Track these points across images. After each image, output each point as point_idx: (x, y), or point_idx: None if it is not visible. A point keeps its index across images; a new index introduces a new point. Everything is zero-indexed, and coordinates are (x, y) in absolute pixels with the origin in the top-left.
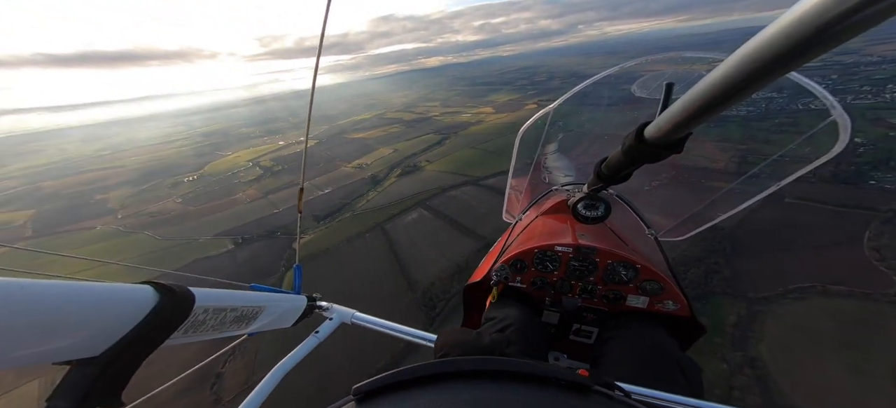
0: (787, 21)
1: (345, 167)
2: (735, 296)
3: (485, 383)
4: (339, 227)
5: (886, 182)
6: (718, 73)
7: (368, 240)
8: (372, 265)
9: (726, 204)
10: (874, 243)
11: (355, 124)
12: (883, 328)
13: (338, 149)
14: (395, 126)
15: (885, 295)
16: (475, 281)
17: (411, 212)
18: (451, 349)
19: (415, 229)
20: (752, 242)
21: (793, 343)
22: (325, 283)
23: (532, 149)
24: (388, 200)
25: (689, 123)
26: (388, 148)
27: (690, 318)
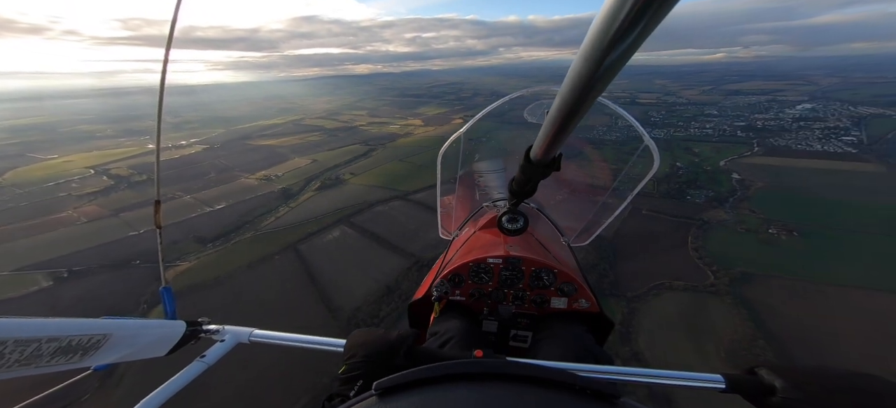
0: (581, 51)
1: (246, 179)
2: (619, 296)
3: (506, 385)
4: (237, 249)
5: (697, 197)
6: (557, 101)
7: (278, 263)
8: (282, 293)
9: (607, 212)
10: (694, 245)
11: (262, 130)
12: (706, 313)
13: (236, 157)
14: (315, 134)
15: (704, 286)
16: (418, 298)
17: (332, 230)
18: (358, 350)
19: (336, 249)
20: (625, 247)
21: (658, 333)
22: (215, 318)
23: (453, 168)
24: (304, 217)
25: (551, 143)
26: (305, 158)
27: (600, 313)
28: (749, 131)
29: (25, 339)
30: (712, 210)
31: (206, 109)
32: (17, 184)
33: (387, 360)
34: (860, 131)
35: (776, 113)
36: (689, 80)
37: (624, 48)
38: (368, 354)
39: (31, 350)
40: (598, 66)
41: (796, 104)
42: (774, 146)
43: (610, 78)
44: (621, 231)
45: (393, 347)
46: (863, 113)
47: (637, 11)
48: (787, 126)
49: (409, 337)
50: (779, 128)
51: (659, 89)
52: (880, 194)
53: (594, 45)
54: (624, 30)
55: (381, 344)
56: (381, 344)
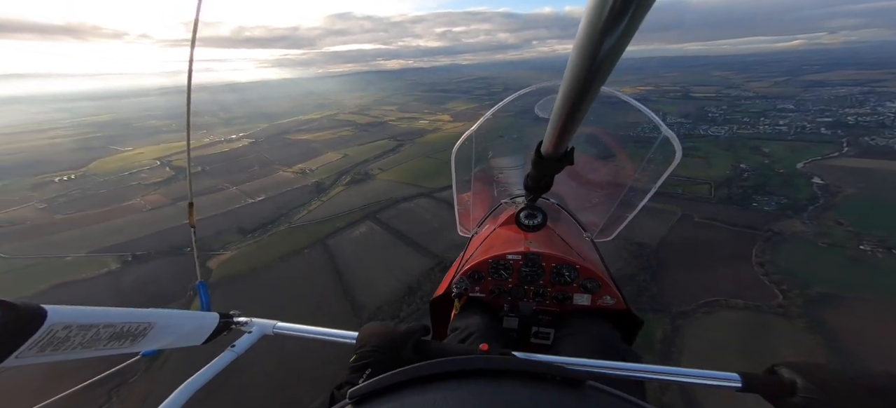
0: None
1: (284, 172)
2: (661, 311)
3: (481, 381)
4: (272, 242)
5: (765, 204)
6: (560, 94)
7: (307, 257)
8: (310, 287)
9: (629, 207)
10: (760, 259)
11: (301, 124)
12: (770, 337)
13: (277, 151)
14: (347, 129)
15: (769, 307)
16: (439, 295)
17: (359, 225)
18: (369, 340)
19: (362, 245)
20: (671, 258)
21: (707, 355)
22: (248, 310)
23: (468, 166)
24: (334, 211)
25: (560, 137)
26: (338, 153)
27: (627, 310)
28: (837, 128)
29: (87, 325)
30: (786, 220)
31: (252, 105)
32: (99, 173)
33: (395, 352)
34: None
35: (873, 106)
36: (758, 71)
37: (618, 34)
38: (377, 345)
39: (91, 334)
40: (596, 55)
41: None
42: (871, 146)
43: (609, 67)
44: (668, 239)
45: (401, 339)
46: None
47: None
48: (887, 122)
49: (418, 331)
50: (877, 124)
51: (718, 82)
52: None
53: (588, 33)
54: (615, 14)
55: (390, 336)
56: (390, 336)
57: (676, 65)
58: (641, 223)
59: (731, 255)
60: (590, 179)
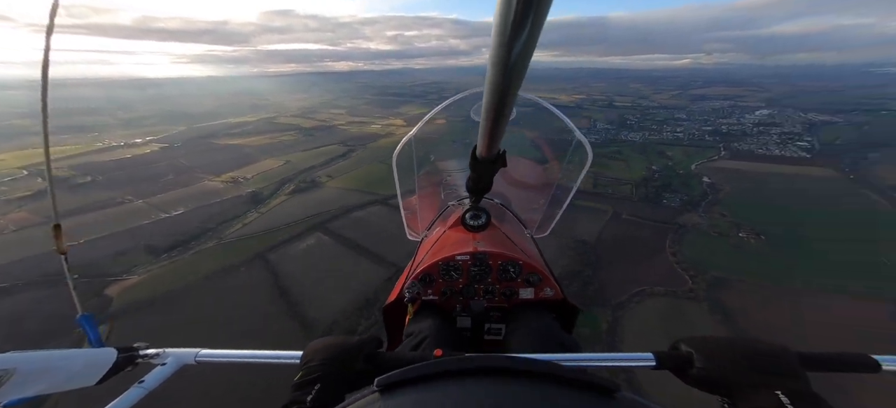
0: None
1: (210, 181)
2: (603, 304)
3: (508, 381)
4: (196, 261)
5: (672, 201)
6: (484, 98)
7: (243, 275)
8: (248, 308)
9: (558, 204)
10: (672, 250)
11: (231, 128)
12: (686, 319)
13: (199, 157)
14: (289, 134)
15: (683, 292)
16: (391, 301)
17: (306, 237)
18: (315, 356)
19: (310, 258)
20: (607, 253)
21: (642, 341)
22: (165, 339)
23: (410, 170)
24: (275, 222)
25: (490, 140)
26: (278, 159)
27: (564, 300)
28: (715, 136)
29: None
30: (687, 214)
31: (165, 104)
32: None
33: (346, 364)
34: (812, 137)
35: (738, 118)
36: (660, 84)
37: (523, 41)
38: (326, 359)
39: None
40: (508, 62)
41: (755, 110)
42: (739, 150)
43: (521, 72)
44: (602, 237)
45: (352, 351)
46: (813, 119)
47: (523, 9)
48: (748, 131)
49: (370, 343)
50: (741, 132)
51: (633, 93)
52: (834, 199)
53: (498, 42)
54: (518, 22)
55: (339, 349)
56: (340, 349)
57: (602, 76)
58: (581, 222)
59: (652, 247)
60: (524, 179)
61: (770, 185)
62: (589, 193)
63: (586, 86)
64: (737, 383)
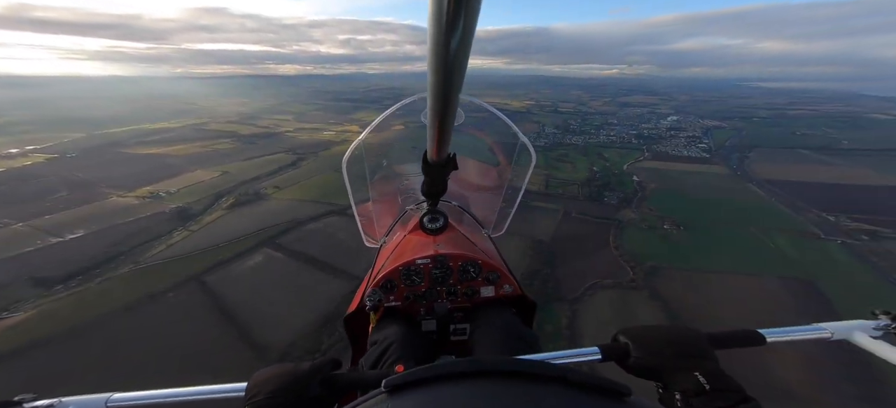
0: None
1: (119, 197)
2: (562, 300)
3: (516, 384)
4: (105, 289)
5: (611, 199)
6: (428, 103)
7: (174, 302)
8: (182, 338)
9: (509, 204)
10: (615, 243)
11: (145, 135)
12: (632, 308)
13: (103, 169)
14: (224, 141)
15: (627, 283)
16: (352, 311)
17: (252, 254)
18: (262, 388)
19: (259, 277)
20: (561, 251)
21: (599, 335)
22: (74, 390)
23: (362, 176)
24: (212, 241)
25: (438, 144)
26: (211, 170)
27: (522, 295)
28: (639, 139)
29: None
30: (624, 210)
31: (51, 107)
32: None
33: (296, 393)
34: (709, 140)
35: (655, 123)
36: (595, 91)
37: (456, 43)
38: (274, 390)
39: None
40: (445, 66)
41: (667, 116)
42: (658, 151)
43: (460, 74)
44: (556, 235)
45: (303, 378)
46: (708, 125)
47: (454, 9)
48: (663, 135)
49: (326, 365)
50: (658, 136)
51: (574, 99)
52: (728, 192)
53: (434, 45)
54: (450, 23)
55: (289, 377)
56: (290, 377)
57: (548, 83)
58: (537, 222)
59: (598, 242)
60: (478, 181)
61: (682, 181)
62: (543, 194)
63: (535, 92)
64: (666, 369)
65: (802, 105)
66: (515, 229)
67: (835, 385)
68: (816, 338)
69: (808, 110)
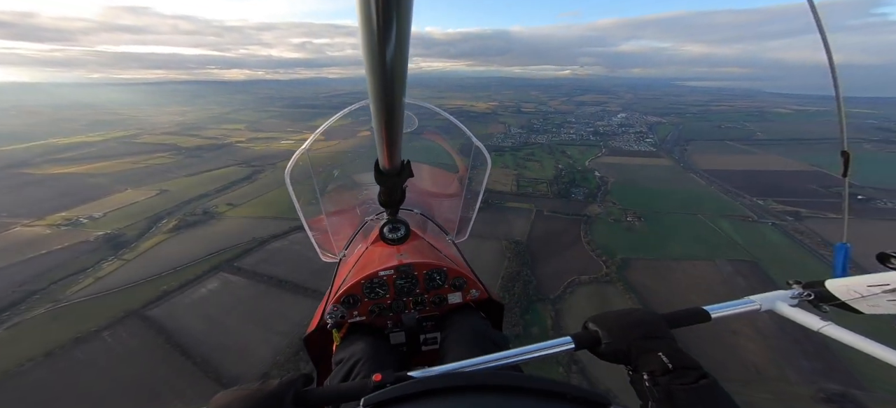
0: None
1: (26, 227)
2: (544, 300)
3: (495, 397)
4: (16, 336)
5: (578, 195)
6: (372, 111)
7: (110, 341)
8: (129, 378)
9: (470, 207)
10: (587, 239)
11: (56, 152)
12: (610, 301)
13: (4, 195)
14: (161, 155)
15: (601, 276)
16: (312, 330)
17: (205, 281)
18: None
19: (216, 306)
20: (538, 251)
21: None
22: None
23: (311, 187)
24: (153, 270)
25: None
26: (147, 189)
27: (490, 299)
28: (596, 135)
29: None
30: (590, 205)
31: None
32: None
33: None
34: (653, 135)
35: (607, 120)
36: (552, 92)
37: (394, 43)
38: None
39: None
40: (383, 70)
41: (616, 114)
42: (613, 147)
43: (401, 77)
44: (532, 235)
45: (272, 398)
46: (651, 121)
47: (384, 12)
48: (615, 131)
49: (297, 381)
50: (611, 133)
51: (534, 99)
52: (675, 182)
53: (368, 49)
54: (384, 26)
55: (254, 400)
56: (256, 399)
57: (509, 84)
58: (512, 222)
59: (571, 239)
60: (436, 187)
61: (636, 174)
62: (515, 194)
63: (498, 93)
64: (632, 352)
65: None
66: (491, 232)
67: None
68: (749, 310)
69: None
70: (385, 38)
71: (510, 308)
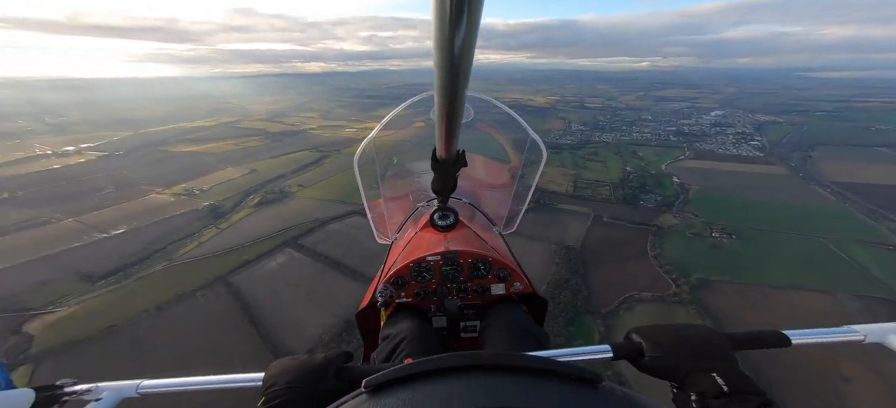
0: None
1: (158, 195)
2: (594, 313)
3: (496, 376)
4: (141, 287)
5: (649, 202)
6: (435, 101)
7: (203, 302)
8: (209, 340)
9: (520, 201)
10: (654, 252)
11: (184, 133)
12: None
13: (146, 168)
14: (254, 139)
15: (669, 296)
16: (364, 306)
17: (275, 255)
18: (279, 378)
19: (282, 279)
20: (592, 259)
21: None
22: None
23: (373, 173)
24: (239, 240)
25: (447, 142)
26: (241, 168)
27: (534, 294)
28: (679, 136)
29: None
30: (663, 215)
31: (104, 108)
32: None
33: (312, 384)
34: (762, 136)
35: (696, 118)
36: (625, 86)
37: (462, 37)
38: (291, 381)
39: None
40: (451, 62)
41: (710, 111)
42: (701, 150)
43: (466, 71)
44: (587, 242)
45: (318, 370)
46: (760, 120)
47: (457, 6)
48: (706, 131)
49: (339, 357)
50: (701, 133)
51: (602, 94)
52: (787, 194)
53: (439, 41)
54: (455, 18)
55: (304, 369)
56: (305, 369)
57: (573, 77)
58: (565, 226)
59: (634, 250)
60: (488, 178)
61: (731, 183)
62: (570, 195)
63: (560, 87)
64: (681, 369)
65: (871, 97)
66: (540, 234)
67: None
68: (847, 340)
69: (879, 102)
70: (455, 31)
71: (554, 317)
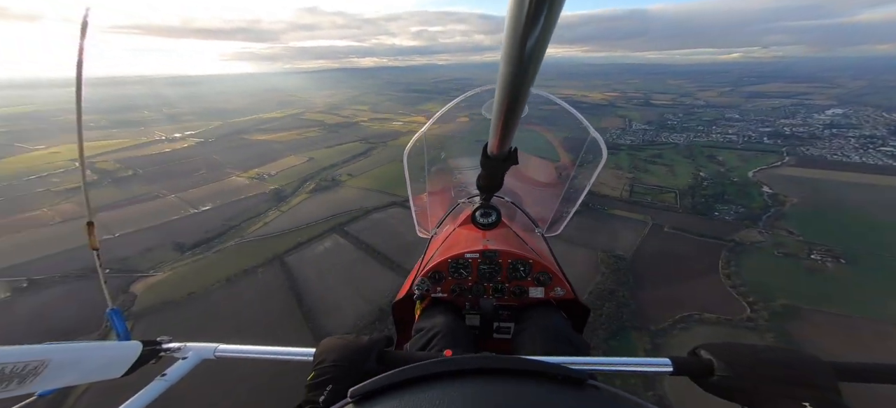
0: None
1: (237, 177)
2: (640, 329)
3: (482, 380)
4: (218, 260)
5: (725, 214)
6: (496, 96)
7: (261, 278)
8: (262, 313)
9: (570, 203)
10: (726, 271)
11: (260, 123)
12: None
13: (230, 153)
14: (313, 130)
15: (740, 320)
16: (401, 298)
17: (324, 239)
18: (328, 356)
19: (327, 262)
20: (646, 272)
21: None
22: (184, 338)
23: (421, 167)
24: (295, 222)
25: (502, 138)
26: (302, 156)
27: (575, 300)
28: (777, 138)
29: None
30: (745, 230)
31: (204, 100)
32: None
33: (357, 364)
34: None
35: (804, 118)
36: (706, 80)
37: (537, 36)
38: (338, 359)
39: None
40: (521, 57)
41: (825, 109)
42: (807, 156)
43: (534, 68)
44: (641, 251)
45: (363, 351)
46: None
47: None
48: (818, 133)
49: (381, 341)
50: (809, 135)
51: (674, 89)
52: None
53: (511, 36)
54: (532, 16)
55: (351, 349)
56: (351, 349)
57: (637, 72)
58: (617, 234)
59: (700, 266)
60: (536, 177)
61: (849, 197)
62: (625, 201)
63: (621, 82)
64: (760, 392)
65: None
66: (586, 239)
67: None
68: None
69: None
70: (530, 29)
71: (594, 328)
